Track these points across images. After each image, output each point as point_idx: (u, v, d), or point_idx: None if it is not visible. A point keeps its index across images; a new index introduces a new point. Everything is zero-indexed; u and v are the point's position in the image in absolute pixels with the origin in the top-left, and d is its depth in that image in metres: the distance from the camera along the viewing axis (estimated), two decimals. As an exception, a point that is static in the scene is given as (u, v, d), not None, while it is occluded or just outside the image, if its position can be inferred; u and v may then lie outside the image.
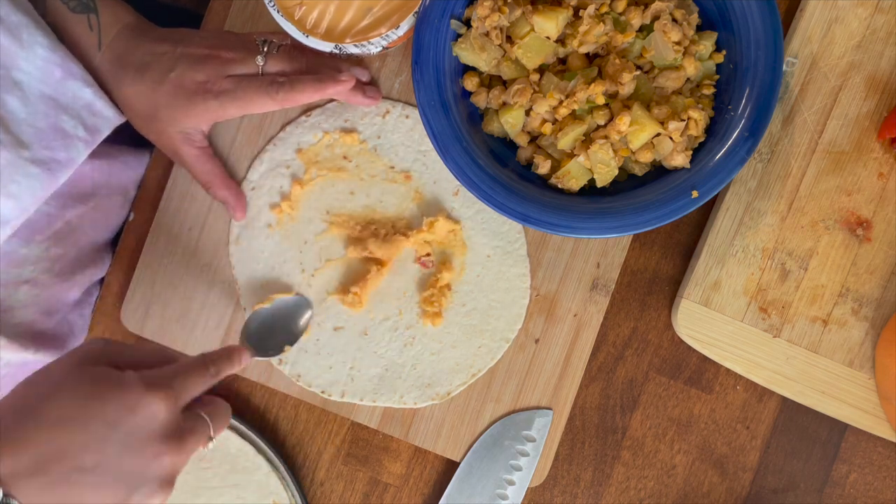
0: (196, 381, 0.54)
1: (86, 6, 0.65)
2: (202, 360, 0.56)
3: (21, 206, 0.60)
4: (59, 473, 0.46)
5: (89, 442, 0.47)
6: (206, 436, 0.54)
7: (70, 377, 0.49)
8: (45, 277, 0.67)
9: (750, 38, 0.66)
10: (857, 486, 0.75)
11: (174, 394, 0.51)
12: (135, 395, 0.49)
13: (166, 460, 0.50)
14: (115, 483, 0.48)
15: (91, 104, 0.64)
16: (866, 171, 0.72)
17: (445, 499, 0.73)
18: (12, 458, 0.46)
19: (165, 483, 0.51)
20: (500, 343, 0.73)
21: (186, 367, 0.54)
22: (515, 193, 0.66)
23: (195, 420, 0.53)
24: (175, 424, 0.51)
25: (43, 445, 0.46)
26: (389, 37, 0.65)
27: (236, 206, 0.71)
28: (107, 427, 0.48)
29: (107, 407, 0.48)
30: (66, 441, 0.47)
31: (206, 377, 0.55)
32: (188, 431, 0.52)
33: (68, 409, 0.48)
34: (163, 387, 0.50)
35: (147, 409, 0.49)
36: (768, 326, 0.72)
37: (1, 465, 0.45)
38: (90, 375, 0.49)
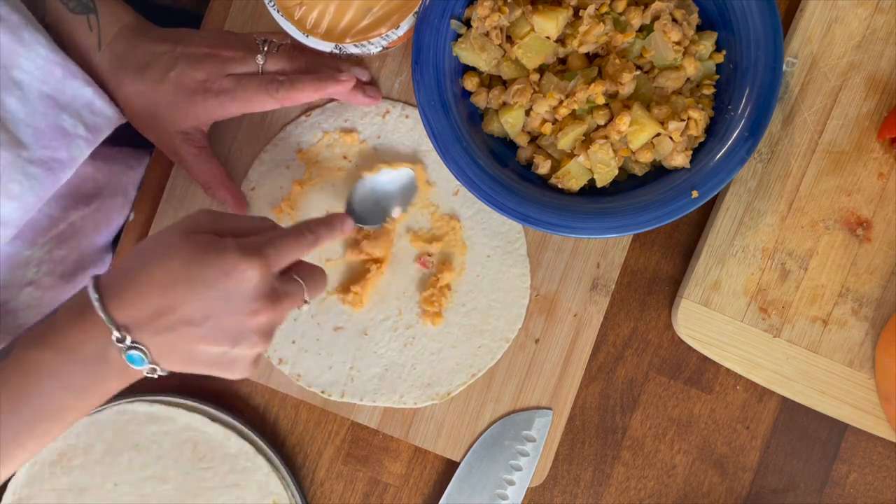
0: (291, 247, 0.58)
1: (85, 7, 0.65)
2: (299, 228, 0.59)
3: (23, 206, 0.60)
4: (172, 324, 0.53)
5: (194, 300, 0.53)
6: (300, 297, 0.58)
7: (177, 243, 0.55)
8: (48, 279, 0.67)
9: (750, 38, 0.66)
10: (857, 486, 0.75)
11: (266, 260, 0.55)
12: (231, 261, 0.54)
13: (262, 317, 0.55)
14: (220, 334, 0.54)
15: (91, 103, 0.64)
16: (866, 171, 0.72)
17: (445, 499, 0.73)
18: (131, 310, 0.53)
19: (264, 335, 0.56)
20: (500, 343, 0.73)
21: (283, 233, 0.58)
22: (515, 193, 0.66)
23: (289, 283, 0.57)
24: (269, 286, 0.55)
25: (155, 301, 0.53)
26: (389, 37, 0.65)
27: (235, 206, 0.71)
28: (208, 288, 0.53)
29: (206, 270, 0.53)
30: (175, 298, 0.53)
31: (303, 244, 0.59)
32: (282, 293, 0.56)
33: (176, 271, 0.53)
34: (256, 253, 0.55)
35: (241, 274, 0.54)
36: (768, 326, 0.72)
37: (122, 315, 0.52)
38: (194, 242, 0.54)
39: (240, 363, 0.56)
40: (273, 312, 0.55)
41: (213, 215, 0.57)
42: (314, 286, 0.60)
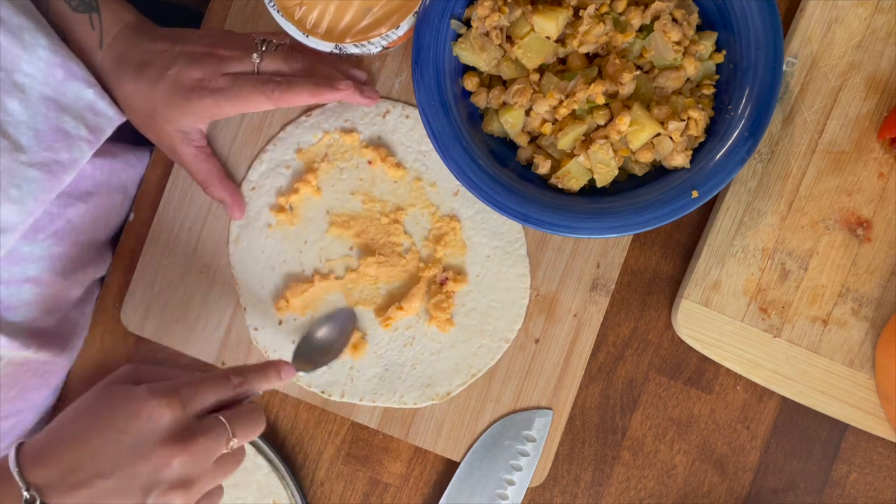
0: (210, 389, 0.56)
1: (88, 5, 0.66)
2: (224, 372, 0.58)
3: (25, 209, 0.61)
4: (83, 479, 0.51)
5: (105, 448, 0.52)
6: (223, 437, 0.55)
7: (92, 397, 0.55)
8: (48, 276, 0.67)
9: (750, 38, 0.66)
10: (857, 486, 0.75)
11: (179, 399, 0.54)
12: (139, 401, 0.53)
13: (175, 462, 0.53)
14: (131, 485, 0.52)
15: (93, 104, 0.64)
16: (866, 171, 0.72)
17: (445, 499, 0.73)
18: (46, 469, 0.52)
19: (179, 485, 0.53)
20: (499, 343, 0.73)
21: (203, 377, 0.57)
22: (515, 193, 0.66)
23: (208, 421, 0.55)
24: (182, 427, 0.53)
25: (67, 455, 0.52)
26: (389, 37, 0.65)
27: (234, 205, 0.71)
28: (117, 433, 0.52)
29: (115, 415, 0.53)
30: (86, 450, 0.52)
31: (225, 387, 0.57)
32: (199, 432, 0.54)
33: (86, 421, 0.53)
34: (167, 392, 0.54)
35: (151, 413, 0.53)
36: (768, 326, 0.72)
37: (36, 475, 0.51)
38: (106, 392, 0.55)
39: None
40: (186, 455, 0.53)
41: (134, 368, 0.57)
42: (244, 427, 0.56)
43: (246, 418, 0.57)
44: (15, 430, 0.71)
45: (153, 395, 0.53)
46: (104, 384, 0.56)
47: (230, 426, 0.56)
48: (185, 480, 0.53)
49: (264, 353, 0.72)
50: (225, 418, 0.56)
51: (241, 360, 0.73)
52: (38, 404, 0.72)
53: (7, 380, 0.67)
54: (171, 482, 0.53)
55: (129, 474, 0.52)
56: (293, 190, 0.72)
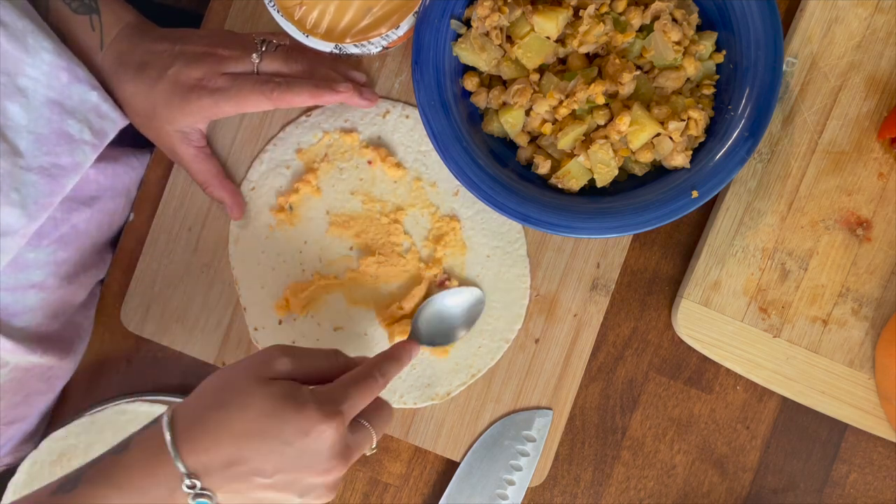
0: (364, 396, 0.58)
1: (88, 7, 0.66)
2: (370, 372, 0.59)
3: (27, 213, 0.60)
4: (243, 474, 0.53)
5: (269, 454, 0.54)
6: (369, 442, 0.59)
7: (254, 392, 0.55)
8: (52, 281, 0.67)
9: (750, 38, 0.66)
10: (857, 486, 0.75)
11: (343, 417, 0.55)
12: (310, 420, 0.54)
13: (334, 474, 0.56)
14: (289, 487, 0.55)
15: (97, 107, 0.64)
16: (866, 171, 0.72)
17: (445, 499, 0.73)
18: (204, 456, 0.53)
19: (330, 489, 0.57)
20: (499, 343, 0.73)
21: (356, 381, 0.58)
22: (515, 193, 0.66)
23: (359, 432, 0.58)
24: (344, 444, 0.56)
25: (229, 451, 0.53)
26: (389, 37, 0.65)
27: (233, 205, 0.71)
28: (283, 444, 0.54)
29: (285, 427, 0.54)
30: (249, 451, 0.53)
31: (375, 388, 0.59)
32: (354, 447, 0.57)
33: (253, 423, 0.54)
34: (334, 411, 0.55)
35: (320, 435, 0.54)
36: (768, 326, 0.72)
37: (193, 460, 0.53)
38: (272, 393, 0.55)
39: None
40: (345, 468, 0.56)
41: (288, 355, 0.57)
42: (381, 426, 0.60)
43: (382, 418, 0.60)
44: (18, 435, 0.71)
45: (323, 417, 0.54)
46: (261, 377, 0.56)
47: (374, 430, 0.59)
48: (335, 484, 0.57)
49: None
50: (367, 422, 0.59)
51: (241, 360, 0.73)
52: (42, 409, 0.72)
53: (12, 385, 0.66)
54: (326, 487, 0.56)
55: (288, 478, 0.54)
56: (293, 190, 0.72)
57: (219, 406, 0.54)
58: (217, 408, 0.54)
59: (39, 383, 0.69)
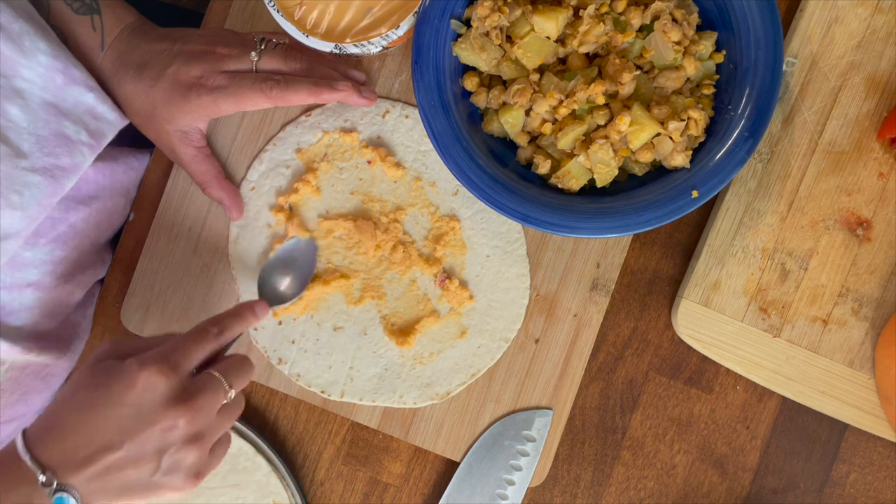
0: (195, 346, 0.58)
1: (89, 7, 0.66)
2: (202, 325, 0.60)
3: (27, 215, 0.61)
4: (93, 454, 0.53)
5: (108, 423, 0.53)
6: (220, 390, 0.57)
7: (82, 376, 0.56)
8: (49, 280, 0.67)
9: (750, 38, 0.66)
10: (857, 486, 0.75)
11: (169, 363, 0.55)
12: (131, 374, 0.54)
13: (181, 421, 0.55)
14: (143, 453, 0.54)
15: (93, 108, 0.64)
16: (866, 171, 0.72)
17: (445, 499, 0.73)
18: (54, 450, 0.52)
19: (190, 440, 0.55)
20: (499, 343, 0.73)
21: (183, 336, 0.58)
22: (515, 193, 0.66)
23: (204, 378, 0.57)
24: (180, 389, 0.55)
25: (73, 434, 0.53)
26: (389, 37, 0.65)
27: (232, 206, 0.71)
28: (116, 405, 0.54)
29: (111, 390, 0.54)
30: (90, 426, 0.53)
31: (208, 339, 0.59)
32: (196, 390, 0.56)
33: (83, 399, 0.54)
34: (156, 360, 0.55)
35: (146, 382, 0.54)
36: (768, 326, 0.72)
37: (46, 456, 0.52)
38: (96, 369, 0.56)
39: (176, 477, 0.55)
40: (190, 413, 0.55)
41: (113, 344, 0.58)
42: (237, 376, 0.59)
43: (237, 367, 0.60)
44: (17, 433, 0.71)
45: (144, 365, 0.54)
46: (90, 363, 0.57)
47: (224, 378, 0.58)
48: (194, 435, 0.55)
49: (264, 354, 0.72)
50: (218, 371, 0.58)
51: (241, 360, 0.73)
52: (40, 407, 0.72)
53: (9, 384, 0.66)
54: (183, 439, 0.55)
55: (138, 441, 0.53)
56: (293, 190, 0.72)
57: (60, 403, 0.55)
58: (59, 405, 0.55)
59: (36, 382, 0.69)
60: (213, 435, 0.57)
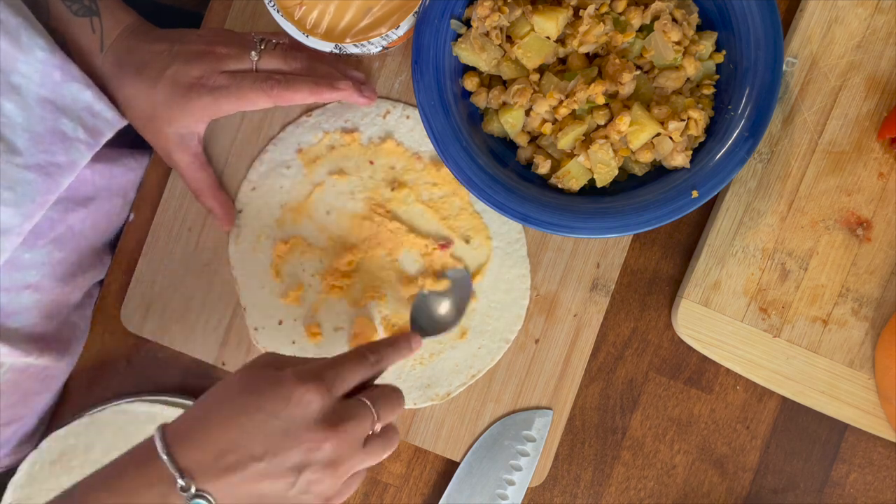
0: (352, 371, 0.57)
1: (88, 9, 0.66)
2: (361, 350, 0.59)
3: (22, 213, 0.60)
4: (235, 462, 0.52)
5: (255, 432, 0.52)
6: (368, 420, 0.56)
7: (236, 380, 0.55)
8: (48, 281, 0.67)
9: (750, 38, 0.66)
10: (857, 486, 0.75)
11: (326, 384, 0.55)
12: (288, 386, 0.54)
13: (326, 445, 0.54)
14: (283, 467, 0.53)
15: (91, 106, 0.64)
16: (866, 171, 0.72)
17: (445, 499, 0.73)
18: (195, 453, 0.52)
19: (328, 466, 0.54)
20: (499, 344, 0.73)
21: (342, 358, 0.58)
22: (515, 193, 0.66)
23: (355, 405, 0.56)
24: (331, 411, 0.54)
25: (217, 439, 0.52)
26: (389, 37, 0.65)
27: (223, 217, 0.71)
28: (268, 417, 0.53)
29: (264, 400, 0.53)
30: (237, 434, 0.52)
31: (364, 366, 0.58)
32: (346, 416, 0.55)
33: (235, 405, 0.53)
34: (314, 378, 0.54)
35: (301, 398, 0.53)
36: (768, 326, 0.72)
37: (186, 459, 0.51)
38: (252, 375, 0.55)
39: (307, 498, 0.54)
40: (337, 439, 0.54)
41: (274, 356, 0.58)
42: (387, 408, 0.58)
43: (387, 399, 0.58)
44: (16, 436, 0.71)
45: (301, 381, 0.54)
46: (247, 368, 0.56)
47: (374, 407, 0.57)
48: (334, 461, 0.54)
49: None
50: (368, 400, 0.57)
51: (241, 361, 0.73)
52: (40, 409, 0.72)
53: (8, 386, 0.66)
54: (322, 463, 0.54)
55: (280, 457, 0.53)
56: (293, 191, 0.72)
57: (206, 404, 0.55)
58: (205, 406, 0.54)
59: (36, 384, 0.69)
60: (353, 465, 0.56)
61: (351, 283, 0.73)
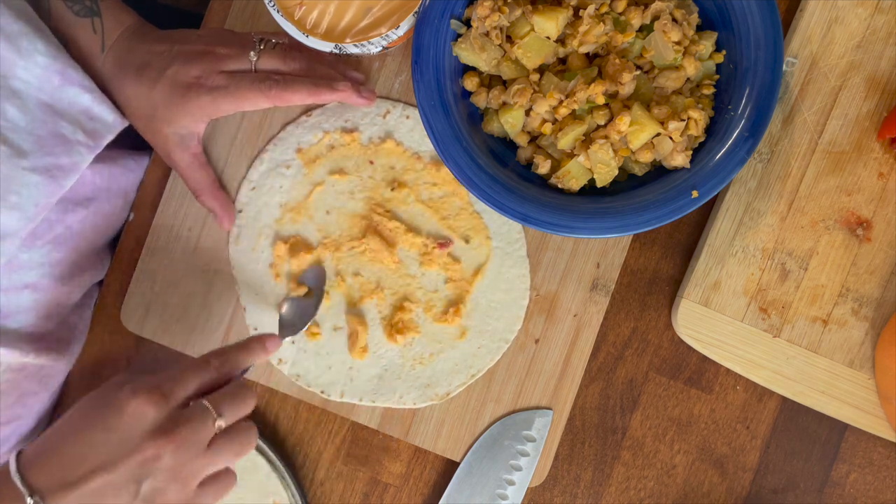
0: (190, 377, 0.57)
1: (90, 10, 0.66)
2: (204, 356, 0.60)
3: (25, 215, 0.61)
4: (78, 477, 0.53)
5: (95, 447, 0.54)
6: (208, 420, 0.56)
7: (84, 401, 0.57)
8: (46, 282, 0.67)
9: (750, 38, 0.66)
10: (857, 486, 0.75)
11: (161, 392, 0.55)
12: (123, 399, 0.55)
13: (163, 453, 0.54)
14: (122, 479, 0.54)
15: (89, 109, 0.64)
16: (866, 171, 0.72)
17: (445, 499, 0.73)
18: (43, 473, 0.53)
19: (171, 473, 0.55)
20: (499, 344, 0.73)
21: (182, 366, 0.58)
22: (515, 193, 0.66)
23: (192, 409, 0.57)
24: (166, 419, 0.55)
25: (63, 457, 0.54)
26: (389, 37, 0.65)
27: (223, 216, 0.71)
28: (105, 431, 0.54)
29: (101, 414, 0.55)
30: (78, 449, 0.54)
31: (206, 370, 0.59)
32: (181, 421, 0.55)
33: (77, 423, 0.55)
34: (148, 389, 0.55)
35: (135, 410, 0.54)
36: (768, 326, 0.72)
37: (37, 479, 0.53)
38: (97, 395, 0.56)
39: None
40: (173, 445, 0.54)
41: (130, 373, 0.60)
42: (230, 405, 0.57)
43: (231, 397, 0.58)
44: (15, 436, 0.71)
45: (135, 393, 0.55)
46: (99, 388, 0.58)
47: (214, 407, 0.57)
48: (175, 468, 0.55)
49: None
50: (208, 401, 0.57)
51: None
52: (38, 409, 0.72)
53: (7, 386, 0.66)
54: (163, 472, 0.54)
55: (121, 469, 0.53)
56: (293, 191, 0.72)
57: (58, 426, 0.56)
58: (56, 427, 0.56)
59: (34, 383, 0.69)
60: (199, 469, 0.56)
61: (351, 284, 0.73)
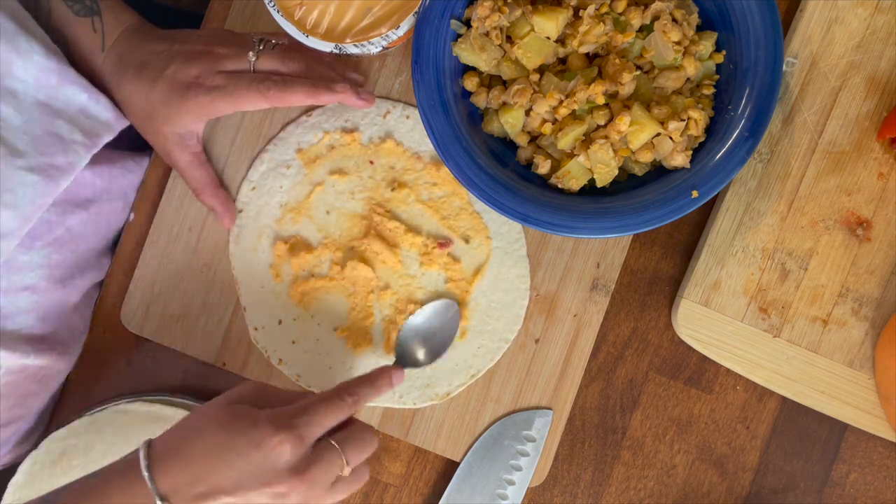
0: (327, 414, 0.58)
1: (90, 9, 0.66)
2: (338, 392, 0.60)
3: (21, 215, 0.60)
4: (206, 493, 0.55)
5: (226, 469, 0.55)
6: (337, 465, 0.58)
7: (216, 413, 0.57)
8: (46, 283, 0.67)
9: (750, 38, 0.66)
10: (857, 486, 0.75)
11: (298, 431, 0.56)
12: (261, 432, 0.56)
13: (294, 492, 0.56)
14: None
15: (86, 108, 0.64)
16: (866, 171, 0.72)
17: (445, 499, 0.73)
18: (173, 477, 0.55)
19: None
20: (499, 344, 0.73)
21: (320, 399, 0.59)
22: (515, 193, 0.66)
23: (323, 450, 0.58)
24: (300, 459, 0.56)
25: (192, 468, 0.55)
26: (389, 37, 0.65)
27: (224, 214, 0.71)
28: (238, 457, 0.55)
29: (237, 440, 0.55)
30: (208, 466, 0.55)
31: (342, 409, 0.59)
32: (314, 462, 0.57)
33: (211, 438, 0.56)
34: (287, 425, 0.56)
35: (272, 448, 0.55)
36: (768, 326, 0.72)
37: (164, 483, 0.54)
38: (231, 411, 0.57)
39: None
40: (304, 486, 0.56)
41: (257, 387, 0.60)
42: (356, 451, 0.59)
43: (358, 441, 0.59)
44: (15, 436, 0.71)
45: (275, 429, 0.55)
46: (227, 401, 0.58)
47: (343, 451, 0.58)
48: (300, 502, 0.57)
49: (264, 354, 0.72)
50: (337, 442, 0.58)
51: (241, 361, 0.73)
52: (38, 409, 0.72)
53: (7, 388, 0.66)
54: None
55: (251, 497, 0.55)
56: (293, 191, 0.72)
57: (188, 430, 0.57)
58: (186, 432, 0.57)
59: (34, 384, 0.69)
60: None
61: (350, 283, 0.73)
